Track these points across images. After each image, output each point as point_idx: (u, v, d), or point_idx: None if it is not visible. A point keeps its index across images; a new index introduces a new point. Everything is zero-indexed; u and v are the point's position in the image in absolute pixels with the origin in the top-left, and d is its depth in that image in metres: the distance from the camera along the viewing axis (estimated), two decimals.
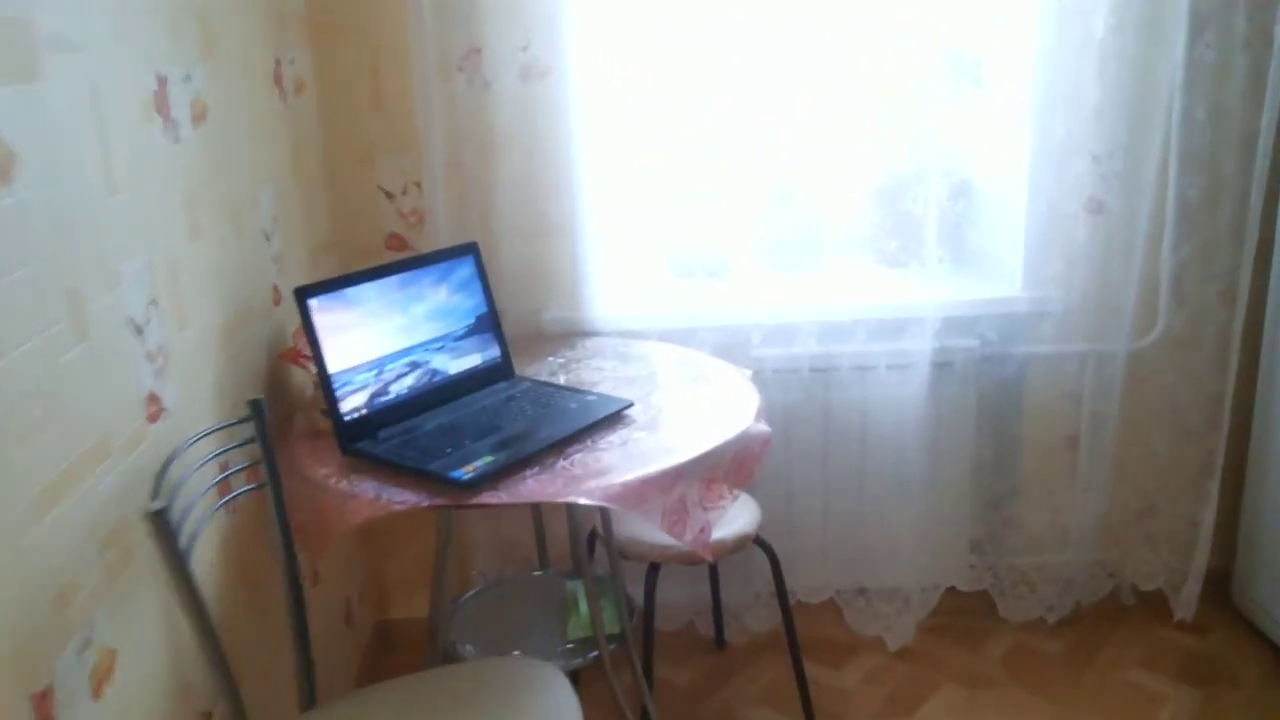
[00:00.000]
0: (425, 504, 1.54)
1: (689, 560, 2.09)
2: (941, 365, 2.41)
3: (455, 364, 1.91)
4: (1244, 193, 2.34)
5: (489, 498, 1.55)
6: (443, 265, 1.93)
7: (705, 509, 1.67)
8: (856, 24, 2.29)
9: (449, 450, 1.66)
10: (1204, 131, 2.33)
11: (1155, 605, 2.62)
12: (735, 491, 1.72)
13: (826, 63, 2.28)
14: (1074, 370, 2.48)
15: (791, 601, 2.45)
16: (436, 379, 1.87)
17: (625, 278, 2.41)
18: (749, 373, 2.04)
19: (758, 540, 2.16)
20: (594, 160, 2.27)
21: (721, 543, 2.06)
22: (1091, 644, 2.52)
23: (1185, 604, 2.55)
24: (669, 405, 1.87)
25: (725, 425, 1.76)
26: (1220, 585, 2.61)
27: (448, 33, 2.20)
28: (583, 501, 1.55)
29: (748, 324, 2.42)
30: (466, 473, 1.57)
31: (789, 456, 2.48)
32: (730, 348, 2.41)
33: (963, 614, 2.63)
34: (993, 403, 2.51)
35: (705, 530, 1.67)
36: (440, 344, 1.89)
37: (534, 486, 1.57)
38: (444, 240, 2.31)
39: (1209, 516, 2.50)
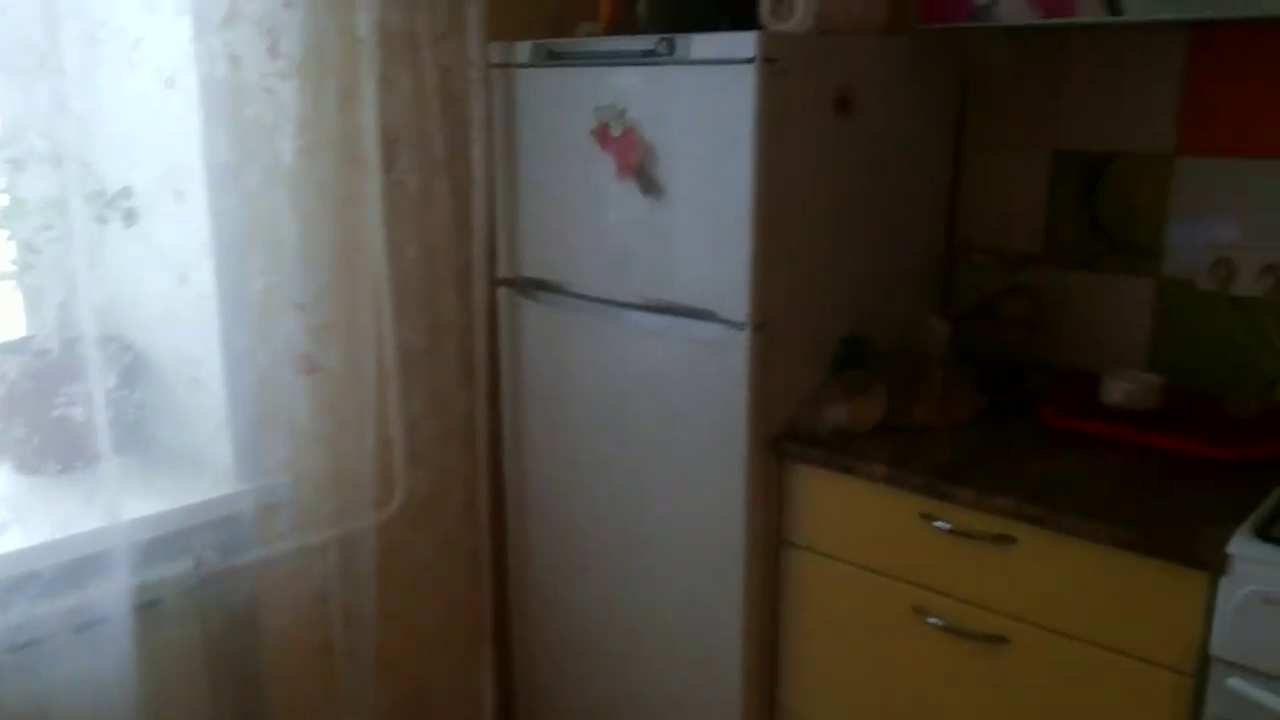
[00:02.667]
0: None
1: None
2: (147, 608, 1.73)
3: None
4: (467, 331, 2.11)
5: None
6: None
7: None
8: None
9: None
10: (417, 268, 2.03)
11: None
12: None
13: None
14: (317, 566, 1.99)
15: None
16: None
17: None
18: None
19: None
20: None
21: None
22: None
23: None
24: None
25: None
26: None
27: None
28: None
29: None
30: None
31: None
32: None
33: None
34: (225, 636, 1.89)
35: None
36: None
37: None
38: None
39: (488, 688, 2.23)
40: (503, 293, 2.11)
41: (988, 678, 1.61)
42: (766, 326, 1.72)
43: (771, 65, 1.62)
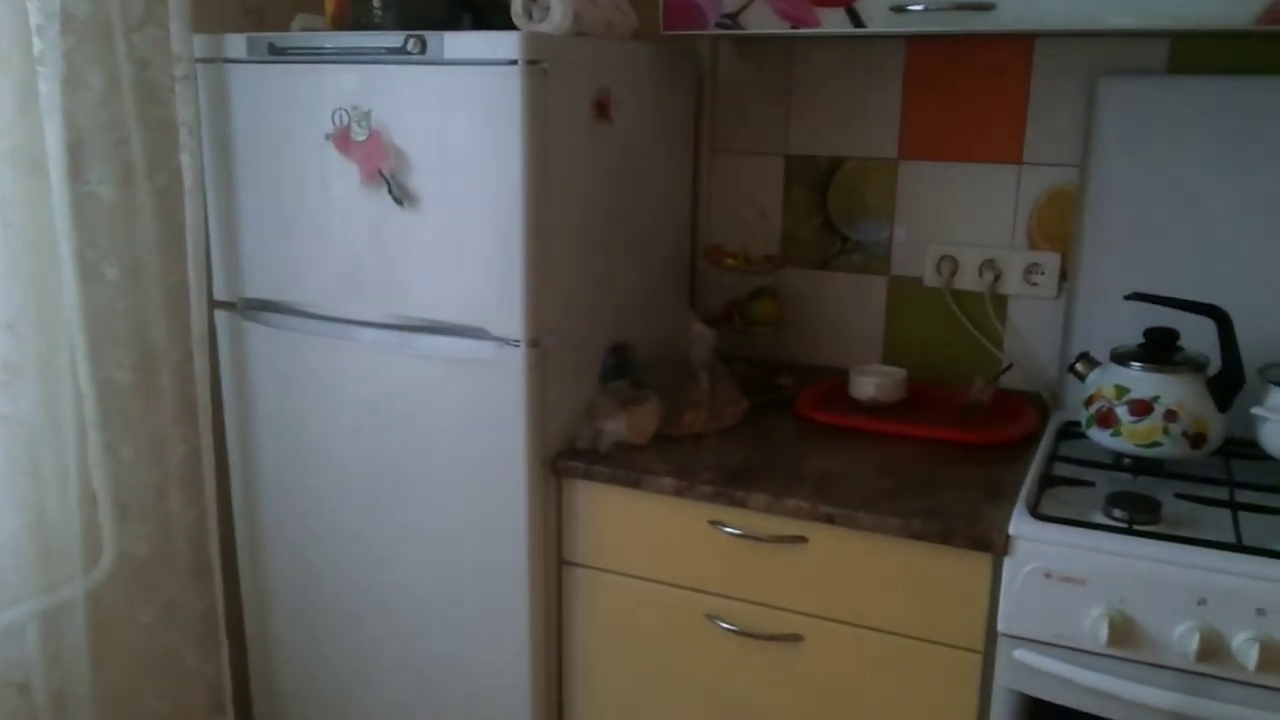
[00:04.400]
0: None
1: None
2: None
3: None
4: (184, 364, 1.84)
5: None
6: None
7: None
8: None
9: None
10: (119, 292, 1.75)
11: None
12: None
13: None
14: (15, 650, 1.67)
15: None
16: None
17: None
18: None
19: None
20: None
21: None
22: None
23: None
24: None
25: None
26: None
27: None
28: None
29: None
30: None
31: None
32: None
33: None
34: None
35: None
36: None
37: None
38: None
39: None
40: (223, 317, 1.87)
41: (787, 677, 1.62)
42: (541, 341, 1.63)
43: (535, 67, 1.54)
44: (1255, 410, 1.55)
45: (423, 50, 1.58)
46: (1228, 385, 1.57)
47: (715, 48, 2.09)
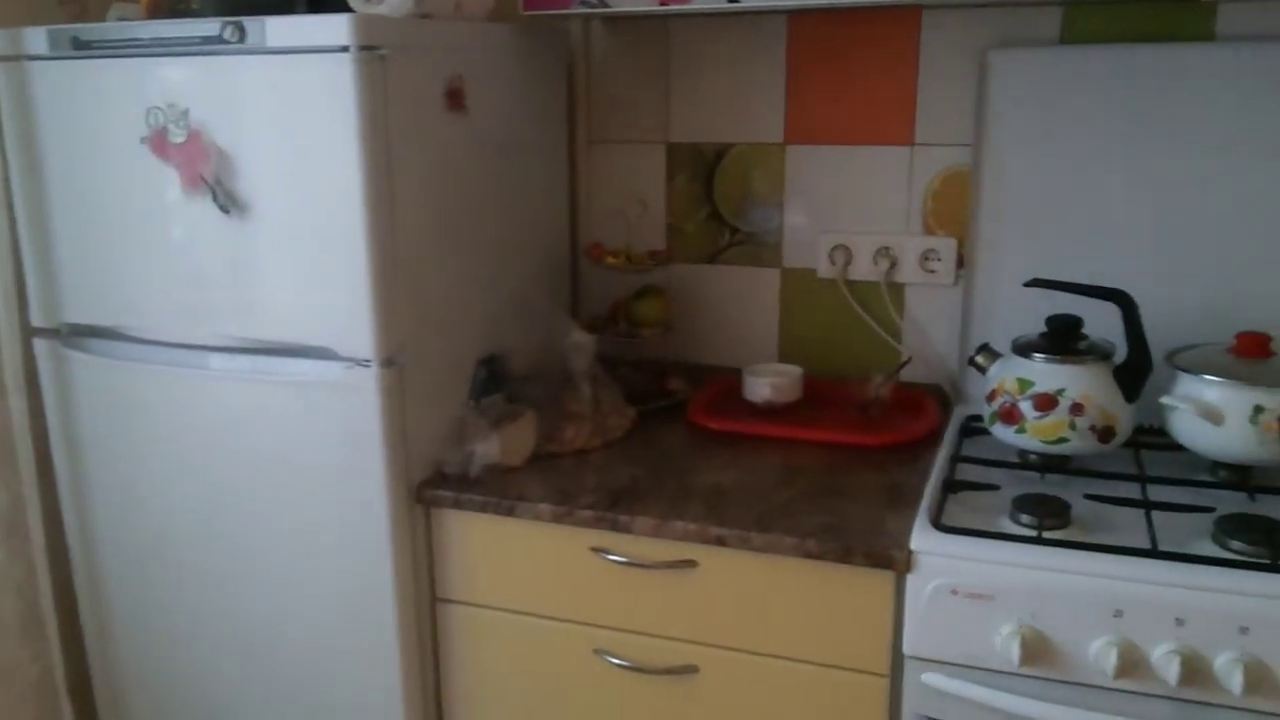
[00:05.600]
0: None
1: None
2: None
3: None
4: (1, 398, 1.64)
5: None
6: None
7: None
8: None
9: None
10: None
11: None
12: None
13: None
14: None
15: None
16: None
17: None
18: None
19: None
20: None
21: None
22: None
23: None
24: None
25: None
26: None
27: None
28: None
29: None
30: None
31: None
32: None
33: None
34: None
35: None
36: None
37: None
38: None
39: None
40: (43, 346, 1.67)
41: (683, 711, 1.49)
42: (397, 359, 1.47)
43: (371, 54, 1.37)
44: (1164, 400, 1.46)
45: (242, 38, 1.40)
46: (1135, 374, 1.48)
47: (586, 29, 1.94)
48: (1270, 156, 1.57)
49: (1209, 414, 1.42)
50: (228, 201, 1.45)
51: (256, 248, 1.47)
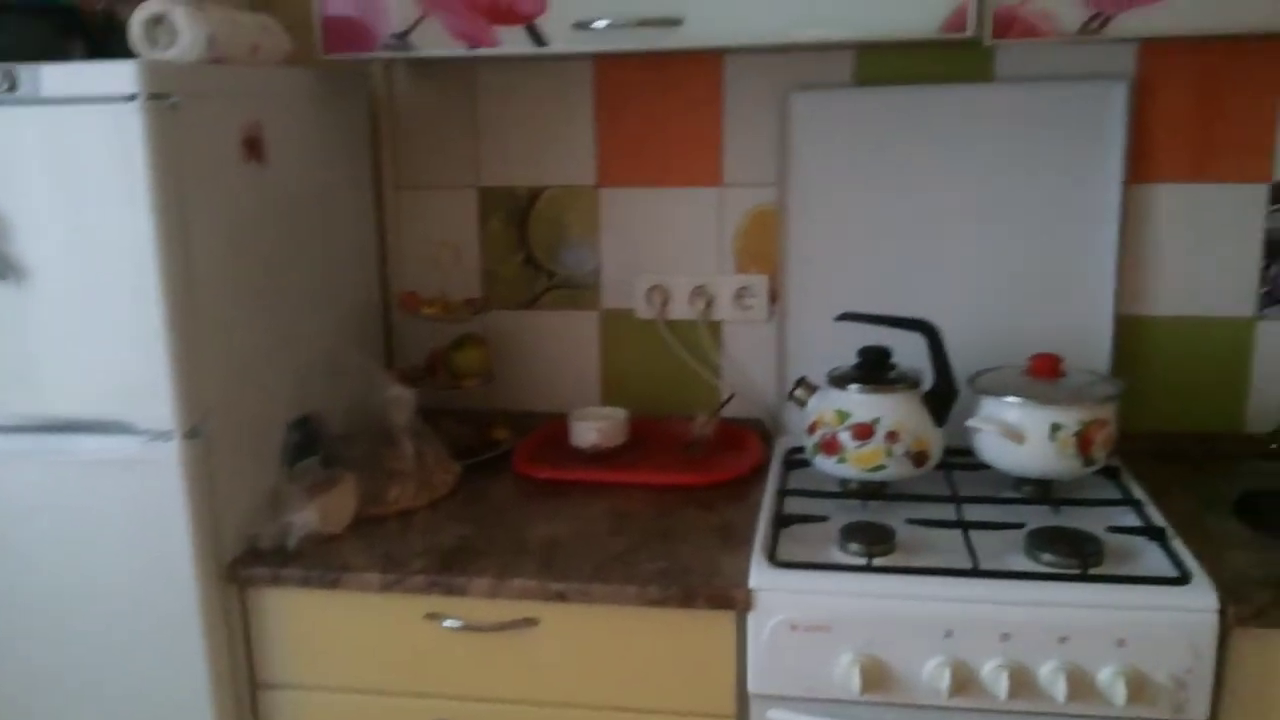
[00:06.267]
0: None
1: None
2: None
3: None
4: None
5: None
6: None
7: None
8: None
9: None
10: None
11: None
12: None
13: None
14: None
15: None
16: None
17: None
18: None
19: None
20: None
21: None
22: None
23: None
24: None
25: None
26: None
27: None
28: None
29: None
30: None
31: None
32: None
33: None
34: None
35: None
36: None
37: None
38: None
39: None
40: None
41: None
42: (201, 429, 1.36)
43: (160, 102, 1.27)
44: (970, 423, 1.54)
45: (12, 87, 1.27)
46: (942, 399, 1.56)
47: (389, 72, 1.88)
48: (1047, 186, 1.69)
49: (1011, 434, 1.50)
50: (4, 267, 1.31)
51: (39, 315, 1.33)
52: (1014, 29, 1.40)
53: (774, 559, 1.36)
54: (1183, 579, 1.27)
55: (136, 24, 1.37)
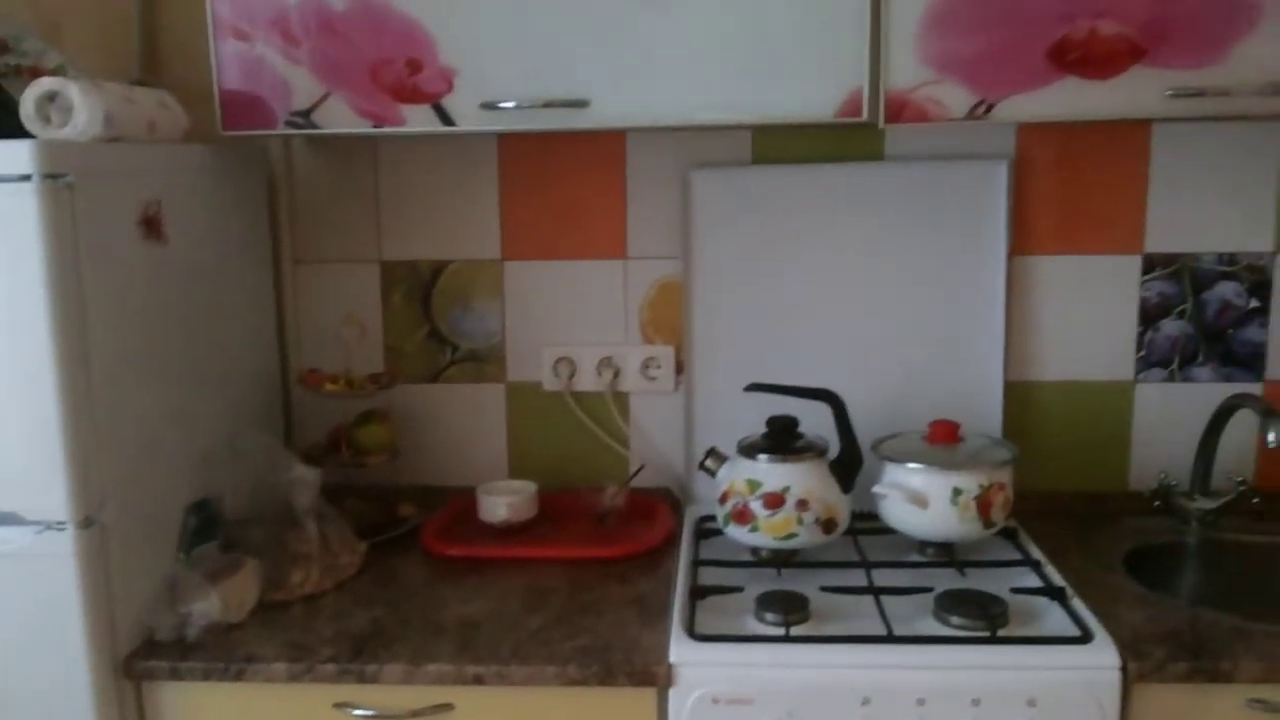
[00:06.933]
0: None
1: None
2: None
3: None
4: None
5: None
6: None
7: None
8: None
9: None
10: None
11: None
12: None
13: None
14: None
15: None
16: None
17: None
18: None
19: None
20: None
21: None
22: None
23: None
24: None
25: None
26: None
27: None
28: None
29: None
30: None
31: None
32: None
33: None
34: None
35: None
36: None
37: None
38: None
39: None
40: None
41: None
42: (96, 518, 1.30)
43: (56, 182, 1.24)
44: (875, 489, 1.58)
45: None
46: (848, 466, 1.60)
47: (287, 147, 1.86)
48: (938, 259, 1.77)
49: (915, 499, 1.55)
50: None
51: None
52: (906, 114, 1.47)
53: (693, 632, 1.36)
54: (1085, 638, 1.32)
55: (29, 101, 1.33)
